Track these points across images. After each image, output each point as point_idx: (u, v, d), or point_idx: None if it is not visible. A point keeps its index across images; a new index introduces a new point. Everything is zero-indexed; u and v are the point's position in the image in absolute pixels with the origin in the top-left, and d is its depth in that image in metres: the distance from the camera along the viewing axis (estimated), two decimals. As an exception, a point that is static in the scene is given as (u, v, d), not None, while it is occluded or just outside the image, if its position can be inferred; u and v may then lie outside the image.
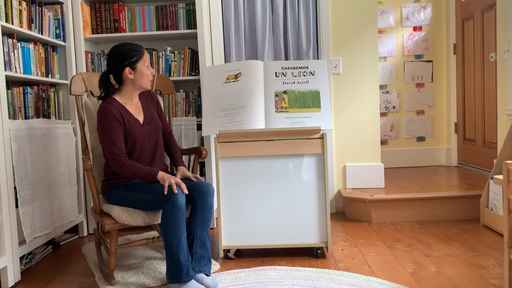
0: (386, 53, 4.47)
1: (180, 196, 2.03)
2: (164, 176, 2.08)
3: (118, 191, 2.22)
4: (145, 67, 2.23)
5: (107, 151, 2.15)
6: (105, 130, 2.15)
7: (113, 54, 2.21)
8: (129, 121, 2.22)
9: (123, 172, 2.12)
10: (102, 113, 2.17)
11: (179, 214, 2.02)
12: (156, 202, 2.09)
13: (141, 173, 2.11)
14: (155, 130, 2.34)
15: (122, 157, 2.13)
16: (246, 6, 3.47)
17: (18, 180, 2.35)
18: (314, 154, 2.45)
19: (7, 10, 2.42)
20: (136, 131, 2.23)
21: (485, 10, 3.77)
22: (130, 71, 2.20)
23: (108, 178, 2.28)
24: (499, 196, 2.77)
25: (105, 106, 2.18)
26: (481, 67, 3.87)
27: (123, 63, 2.19)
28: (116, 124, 2.16)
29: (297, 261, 2.43)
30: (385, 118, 4.51)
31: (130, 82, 2.24)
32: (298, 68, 2.69)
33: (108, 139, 2.14)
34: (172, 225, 2.01)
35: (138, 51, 2.21)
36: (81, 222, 3.09)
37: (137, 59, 2.20)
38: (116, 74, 2.23)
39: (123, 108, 2.23)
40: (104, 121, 2.15)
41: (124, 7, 3.18)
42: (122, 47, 2.21)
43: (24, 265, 2.48)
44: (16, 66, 2.50)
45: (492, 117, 3.72)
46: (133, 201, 2.16)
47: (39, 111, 2.76)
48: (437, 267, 2.26)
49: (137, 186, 2.18)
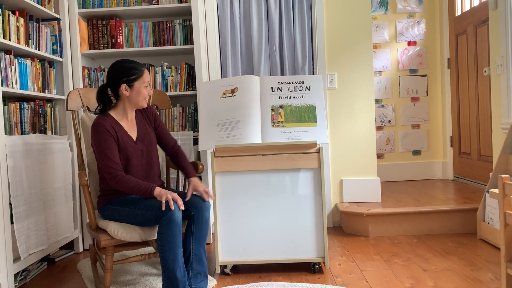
0: (381, 68, 4.51)
1: (176, 211, 2.02)
2: (161, 191, 2.07)
3: (113, 207, 2.21)
4: (143, 86, 2.23)
5: (103, 165, 2.14)
6: (100, 145, 2.14)
7: (113, 68, 2.22)
8: (123, 137, 2.22)
9: (120, 187, 2.11)
10: (96, 128, 2.17)
11: (176, 229, 2.01)
12: (152, 217, 2.07)
13: (137, 188, 2.10)
14: (148, 148, 2.33)
15: (119, 171, 2.13)
16: (242, 22, 3.51)
17: (13, 195, 2.33)
18: (310, 169, 2.45)
19: (5, 27, 2.44)
20: (129, 147, 2.23)
21: (478, 25, 3.82)
22: (127, 88, 2.21)
23: (103, 194, 2.27)
24: (495, 209, 2.77)
25: (98, 121, 2.18)
26: (475, 81, 3.91)
27: (121, 79, 2.20)
28: (111, 139, 2.16)
29: (294, 277, 2.41)
30: (381, 132, 4.53)
31: (126, 99, 2.25)
32: (294, 83, 2.71)
33: (103, 154, 2.14)
34: (169, 240, 2.00)
35: (138, 70, 2.21)
36: (77, 238, 3.07)
37: (136, 77, 2.21)
38: (113, 88, 2.24)
39: (117, 124, 2.23)
40: (98, 136, 2.15)
41: (121, 23, 3.20)
42: (123, 63, 2.22)
43: (18, 282, 2.45)
44: (13, 82, 2.51)
45: (487, 131, 3.75)
46: (129, 216, 2.15)
47: (35, 126, 2.76)
48: (434, 281, 2.25)
49: (132, 201, 2.17)
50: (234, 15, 3.47)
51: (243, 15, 3.50)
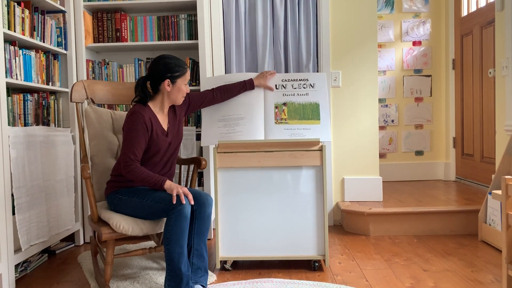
0: (386, 67, 4.50)
1: (187, 206, 2.04)
2: (172, 185, 2.09)
3: (121, 196, 2.22)
4: (184, 84, 2.27)
5: (123, 152, 2.16)
6: (131, 132, 2.16)
7: (158, 63, 2.24)
8: (157, 130, 2.24)
9: (131, 176, 2.13)
10: (133, 117, 2.18)
11: (184, 223, 2.03)
12: (160, 210, 2.09)
13: (148, 180, 2.11)
14: (176, 141, 2.37)
15: (135, 162, 2.14)
16: (247, 18, 3.50)
17: (15, 187, 2.34)
18: (312, 166, 2.45)
19: (10, 18, 2.44)
20: (161, 141, 2.25)
21: (484, 26, 3.81)
22: (169, 83, 2.23)
23: (113, 180, 2.28)
24: (497, 211, 2.77)
25: (138, 110, 2.19)
26: (480, 83, 3.90)
27: (165, 74, 2.22)
28: (143, 132, 2.17)
29: (294, 274, 2.41)
30: (384, 132, 4.52)
31: (166, 94, 2.27)
32: (298, 80, 2.71)
33: (129, 143, 2.15)
34: (176, 234, 2.01)
35: (183, 68, 2.25)
36: (78, 230, 3.07)
37: (180, 75, 2.24)
38: (154, 82, 2.26)
39: (154, 117, 2.25)
40: (133, 124, 2.16)
41: (126, 17, 3.20)
42: (168, 59, 2.24)
43: (19, 273, 2.46)
44: (17, 73, 2.51)
45: (491, 132, 3.74)
46: (136, 207, 2.16)
47: (38, 118, 2.76)
48: (435, 282, 2.24)
49: (141, 192, 2.19)
50: (239, 11, 3.46)
51: (248, 11, 3.49)
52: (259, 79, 2.68)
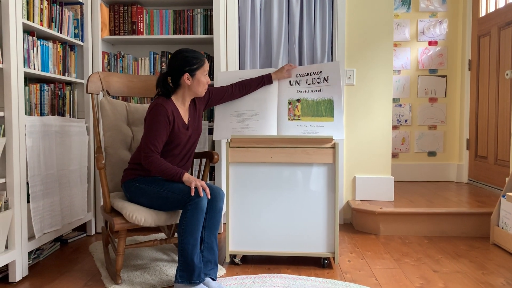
0: (400, 67, 4.46)
1: (204, 199, 2.08)
2: (190, 178, 2.12)
3: (138, 184, 2.24)
4: (203, 75, 2.29)
5: (144, 142, 2.19)
6: (153, 124, 2.19)
7: (176, 58, 2.26)
8: (178, 124, 2.27)
9: (150, 167, 2.16)
10: (156, 109, 2.20)
11: (200, 216, 2.06)
12: (177, 201, 2.11)
13: (167, 172, 2.14)
14: (195, 135, 2.39)
15: (155, 154, 2.17)
16: (263, 14, 3.50)
17: (30, 175, 2.37)
18: (325, 164, 2.45)
19: (29, 8, 2.47)
20: (182, 135, 2.28)
21: (502, 27, 3.76)
22: (189, 77, 2.25)
23: (132, 168, 2.31)
24: (510, 214, 2.74)
25: (162, 103, 2.22)
26: (496, 84, 3.85)
27: (184, 68, 2.24)
28: (165, 124, 2.20)
29: (303, 270, 2.42)
30: (397, 131, 4.49)
31: (186, 87, 2.29)
32: (312, 74, 2.69)
33: (151, 134, 2.18)
34: (192, 226, 2.04)
35: (200, 59, 2.27)
36: (90, 220, 3.11)
37: (198, 67, 2.26)
38: (174, 77, 2.28)
39: (176, 111, 2.28)
40: (156, 116, 2.19)
41: (143, 10, 3.22)
42: (185, 53, 2.26)
43: (32, 260, 2.50)
44: (35, 63, 2.54)
45: (506, 135, 3.69)
46: (152, 196, 2.18)
47: (54, 108, 2.79)
48: (445, 283, 2.23)
49: (158, 182, 2.21)
50: (255, 6, 3.46)
51: (264, 7, 3.49)
52: (277, 73, 2.70)
